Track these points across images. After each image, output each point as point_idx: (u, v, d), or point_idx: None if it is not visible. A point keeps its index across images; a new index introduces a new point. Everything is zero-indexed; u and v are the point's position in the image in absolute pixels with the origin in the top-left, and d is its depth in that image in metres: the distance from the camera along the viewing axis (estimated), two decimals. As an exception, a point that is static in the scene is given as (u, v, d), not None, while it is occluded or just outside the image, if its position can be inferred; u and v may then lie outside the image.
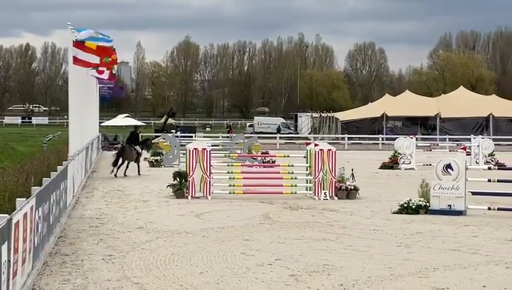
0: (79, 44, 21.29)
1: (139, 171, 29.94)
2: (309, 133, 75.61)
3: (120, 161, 29.35)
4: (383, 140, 63.12)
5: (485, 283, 10.70)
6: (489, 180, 19.30)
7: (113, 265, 11.87)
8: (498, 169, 26.85)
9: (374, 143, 63.82)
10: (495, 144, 41.31)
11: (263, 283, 10.66)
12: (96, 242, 13.96)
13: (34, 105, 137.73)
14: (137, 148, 30.95)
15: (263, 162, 32.42)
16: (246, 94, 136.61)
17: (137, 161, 30.41)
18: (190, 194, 21.52)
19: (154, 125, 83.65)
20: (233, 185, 22.30)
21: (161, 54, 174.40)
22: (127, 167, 29.67)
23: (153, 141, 37.07)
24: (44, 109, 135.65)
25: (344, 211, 19.13)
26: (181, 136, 41.69)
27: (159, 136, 47.60)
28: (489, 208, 18.66)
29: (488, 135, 61.01)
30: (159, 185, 24.17)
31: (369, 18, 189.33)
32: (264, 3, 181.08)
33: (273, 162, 31.79)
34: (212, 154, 22.53)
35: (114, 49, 25.71)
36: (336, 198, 21.64)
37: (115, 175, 28.69)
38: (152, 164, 35.20)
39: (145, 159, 37.06)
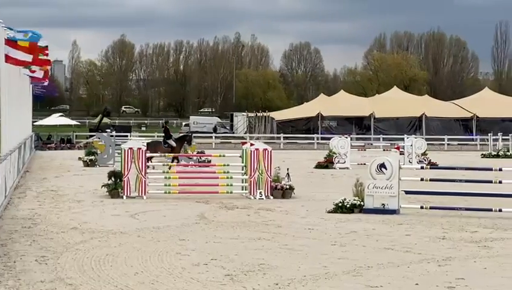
0: (11, 42, 20.91)
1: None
2: (245, 133, 75.69)
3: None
4: (318, 140, 63.60)
5: (417, 281, 10.86)
6: (422, 180, 19.57)
7: (47, 266, 11.71)
8: (430, 168, 27.32)
9: (309, 143, 64.21)
10: (427, 144, 41.95)
11: (199, 283, 10.64)
12: (29, 243, 13.76)
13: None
14: (171, 142, 30.97)
15: (199, 162, 32.34)
16: (182, 93, 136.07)
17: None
18: (125, 194, 21.37)
19: (89, 125, 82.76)
20: (169, 185, 22.22)
21: (96, 53, 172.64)
22: None
23: (87, 141, 36.77)
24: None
25: (279, 210, 19.21)
26: (116, 136, 41.39)
27: (94, 135, 47.18)
28: (422, 207, 18.94)
29: (421, 135, 61.98)
30: (94, 185, 23.91)
31: (304, 18, 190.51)
32: (200, 2, 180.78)
33: (209, 161, 31.75)
34: (147, 154, 22.41)
35: (47, 48, 25.36)
36: (272, 197, 21.71)
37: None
38: (86, 164, 34.85)
39: (79, 158, 36.74)
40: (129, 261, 12.13)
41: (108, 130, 45.59)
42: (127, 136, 51.96)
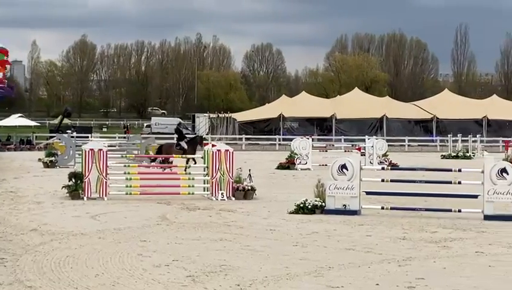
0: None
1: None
2: (207, 134, 75.63)
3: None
4: (279, 141, 63.76)
5: (378, 281, 10.93)
6: (382, 180, 19.70)
7: (5, 268, 11.60)
8: (391, 169, 27.49)
9: (271, 144, 64.37)
10: (388, 145, 42.29)
11: (160, 284, 10.61)
12: (-12, 245, 13.61)
13: None
14: (183, 144, 30.99)
15: (160, 163, 32.23)
16: (144, 94, 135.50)
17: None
18: (86, 195, 21.23)
19: (49, 126, 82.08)
20: (130, 186, 22.11)
21: (57, 53, 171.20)
22: None
23: (47, 142, 36.49)
24: None
25: (241, 211, 19.22)
26: (76, 137, 41.10)
27: (54, 136, 46.80)
28: (382, 208, 19.06)
29: (382, 136, 62.42)
30: (54, 186, 23.72)
31: (266, 20, 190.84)
32: (162, 3, 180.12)
33: (171, 162, 31.66)
34: (108, 155, 22.29)
35: (7, 50, 25.11)
36: (233, 198, 21.71)
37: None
38: (46, 165, 34.57)
39: (39, 159, 36.43)
40: (90, 262, 12.05)
41: (69, 131, 45.30)
42: (87, 137, 51.68)
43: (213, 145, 23.01)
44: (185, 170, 24.16)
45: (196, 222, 17.02)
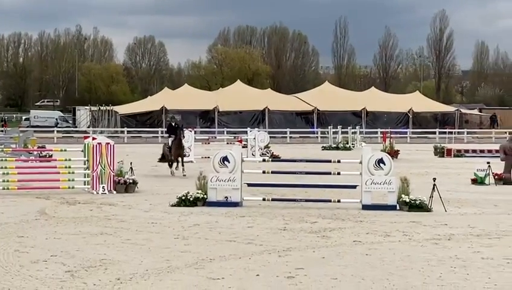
0: None
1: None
2: (88, 127, 74.56)
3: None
4: (162, 133, 63.47)
5: (258, 272, 11.03)
6: (264, 172, 19.88)
7: None
8: (273, 161, 27.79)
9: (153, 136, 64.06)
10: (270, 137, 42.74)
11: (37, 280, 10.39)
12: None
13: None
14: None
15: (39, 157, 31.57)
16: (22, 87, 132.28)
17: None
18: (-39, 191, 20.59)
19: None
20: (7, 181, 21.59)
21: None
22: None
23: None
24: None
25: (123, 204, 19.04)
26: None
27: None
28: (264, 199, 19.25)
29: (264, 128, 63.01)
30: None
31: (149, 12, 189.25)
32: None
33: (50, 156, 31.07)
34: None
35: None
36: (115, 192, 21.49)
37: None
38: None
39: None
40: (-36, 260, 11.70)
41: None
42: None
43: (93, 138, 22.70)
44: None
45: (76, 216, 16.75)
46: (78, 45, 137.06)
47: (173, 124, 29.04)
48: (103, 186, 21.59)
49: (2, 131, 55.48)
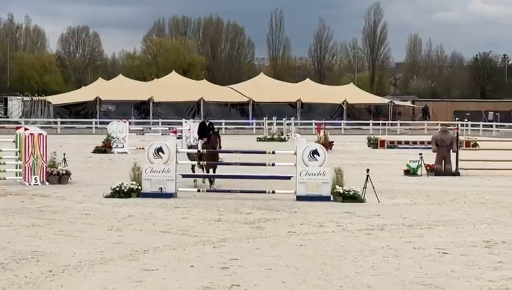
0: None
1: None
2: (20, 118, 73.35)
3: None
4: (96, 124, 62.94)
5: (192, 263, 11.01)
6: (199, 163, 19.85)
7: None
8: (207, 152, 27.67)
9: (87, 127, 63.44)
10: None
11: (-33, 274, 10.21)
12: None
13: None
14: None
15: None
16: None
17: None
18: None
19: None
20: None
21: None
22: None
23: None
24: None
25: (55, 196, 18.82)
26: None
27: None
28: (198, 190, 19.27)
29: (199, 119, 62.79)
30: None
31: (83, 1, 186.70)
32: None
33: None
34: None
35: None
36: (48, 183, 21.24)
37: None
38: None
39: None
40: None
41: None
42: None
43: (25, 129, 22.37)
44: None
45: (7, 208, 16.50)
46: (10, 34, 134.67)
47: (207, 123, 23.70)
48: (35, 178, 21.31)
49: None
